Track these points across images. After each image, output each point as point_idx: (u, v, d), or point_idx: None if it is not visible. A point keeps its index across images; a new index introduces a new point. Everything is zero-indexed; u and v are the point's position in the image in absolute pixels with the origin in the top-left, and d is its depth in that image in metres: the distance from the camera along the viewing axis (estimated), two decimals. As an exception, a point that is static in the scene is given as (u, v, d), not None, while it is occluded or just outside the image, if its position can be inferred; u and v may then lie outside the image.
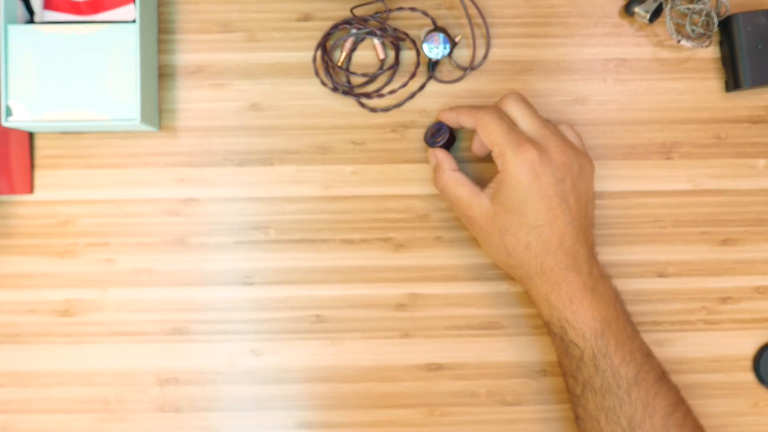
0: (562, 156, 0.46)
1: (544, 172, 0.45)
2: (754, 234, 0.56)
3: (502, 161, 0.46)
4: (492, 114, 0.47)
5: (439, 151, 0.52)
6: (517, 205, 0.46)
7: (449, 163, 0.50)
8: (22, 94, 0.51)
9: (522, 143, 0.45)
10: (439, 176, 0.50)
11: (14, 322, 0.55)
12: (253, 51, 0.56)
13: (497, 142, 0.46)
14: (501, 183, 0.46)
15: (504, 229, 0.47)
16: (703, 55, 0.56)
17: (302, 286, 0.55)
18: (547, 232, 0.46)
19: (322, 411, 0.55)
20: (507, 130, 0.46)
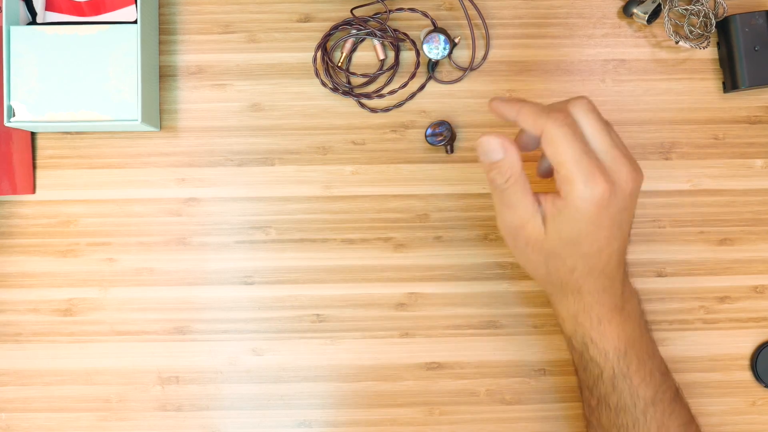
0: (631, 185, 0.41)
1: (611, 205, 0.40)
2: (752, 234, 0.56)
3: (569, 189, 0.40)
4: (563, 129, 0.40)
5: (506, 141, 0.42)
6: (575, 236, 0.41)
7: (518, 160, 0.42)
8: (24, 94, 0.51)
9: (594, 174, 0.39)
10: (505, 172, 0.42)
11: (16, 321, 0.55)
12: (254, 52, 0.56)
13: (567, 167, 0.39)
14: (561, 211, 0.41)
15: (553, 253, 0.43)
16: (701, 56, 0.56)
17: (302, 286, 0.56)
18: (596, 259, 0.43)
19: (323, 410, 0.56)
20: (580, 153, 0.39)
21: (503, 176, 0.42)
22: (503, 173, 0.42)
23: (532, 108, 0.42)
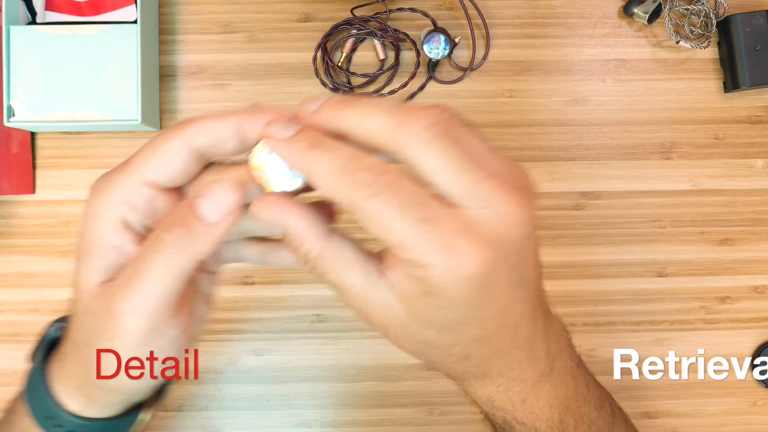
0: (523, 227, 0.26)
1: (495, 271, 0.25)
2: (753, 234, 0.56)
3: (421, 273, 0.25)
4: (386, 204, 0.24)
5: (289, 204, 0.27)
6: (452, 324, 0.27)
7: (315, 225, 0.27)
8: (23, 94, 0.51)
9: (451, 242, 0.24)
10: (303, 252, 0.27)
11: (16, 321, 0.55)
12: (254, 51, 0.56)
13: (406, 247, 0.25)
14: (421, 293, 0.26)
15: (426, 342, 0.28)
16: (702, 56, 0.56)
17: (302, 286, 0.56)
18: (497, 338, 0.29)
19: (323, 410, 0.55)
20: (418, 221, 0.24)
21: (300, 256, 0.27)
22: (298, 252, 0.27)
23: (325, 168, 0.25)
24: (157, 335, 0.28)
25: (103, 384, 0.30)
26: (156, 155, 0.27)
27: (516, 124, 0.56)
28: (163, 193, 0.28)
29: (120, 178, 0.27)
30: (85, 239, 0.28)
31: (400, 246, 0.25)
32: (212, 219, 0.26)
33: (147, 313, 0.27)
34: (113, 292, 0.26)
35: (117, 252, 0.27)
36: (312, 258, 0.27)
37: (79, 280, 0.28)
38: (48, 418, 0.32)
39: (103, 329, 0.27)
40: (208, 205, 0.26)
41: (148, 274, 0.26)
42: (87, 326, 0.28)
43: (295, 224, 0.27)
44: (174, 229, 0.26)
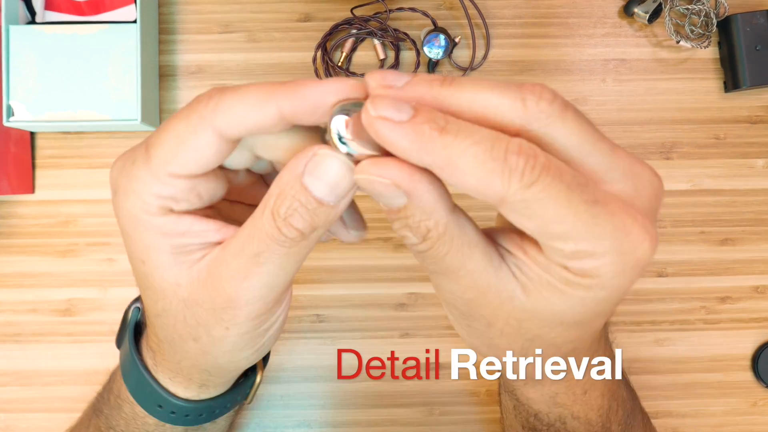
0: (661, 195, 0.24)
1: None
2: (753, 234, 0.56)
3: (585, 265, 0.22)
4: (552, 188, 0.21)
5: (406, 169, 0.22)
6: (588, 318, 0.24)
7: (444, 197, 0.23)
8: (23, 94, 0.51)
9: (626, 225, 0.22)
10: (418, 227, 0.23)
11: (16, 321, 0.55)
12: (254, 51, 0.56)
13: (574, 237, 0.21)
14: (563, 288, 0.23)
15: (540, 340, 0.25)
16: (702, 56, 0.56)
17: (302, 286, 0.55)
18: (598, 326, 0.27)
19: (323, 410, 0.55)
20: (588, 205, 0.21)
21: (418, 233, 0.23)
22: (416, 228, 0.23)
23: (467, 154, 0.20)
24: (270, 320, 0.27)
25: (218, 370, 0.30)
26: (181, 148, 0.23)
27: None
28: (206, 174, 0.24)
29: (145, 175, 0.24)
30: (136, 245, 0.25)
31: (564, 236, 0.21)
32: (331, 201, 0.23)
33: (264, 298, 0.25)
34: (225, 280, 0.24)
35: (182, 240, 0.24)
36: (436, 235, 0.23)
37: (153, 284, 0.25)
38: (160, 407, 0.31)
39: (217, 318, 0.25)
40: (323, 187, 0.22)
41: (267, 259, 0.23)
42: (190, 320, 0.26)
43: (426, 194, 0.22)
44: (290, 212, 0.23)
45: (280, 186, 0.23)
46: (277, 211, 0.23)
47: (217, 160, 0.23)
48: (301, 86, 0.22)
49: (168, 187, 0.23)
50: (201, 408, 0.32)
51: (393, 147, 0.21)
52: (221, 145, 0.23)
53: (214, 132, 0.23)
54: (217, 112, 0.22)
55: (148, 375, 0.31)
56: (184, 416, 0.32)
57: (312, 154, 0.22)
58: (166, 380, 0.31)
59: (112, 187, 0.25)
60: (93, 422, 0.36)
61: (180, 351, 0.28)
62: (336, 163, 0.22)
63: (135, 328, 0.33)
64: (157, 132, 0.24)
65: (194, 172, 0.23)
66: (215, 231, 0.25)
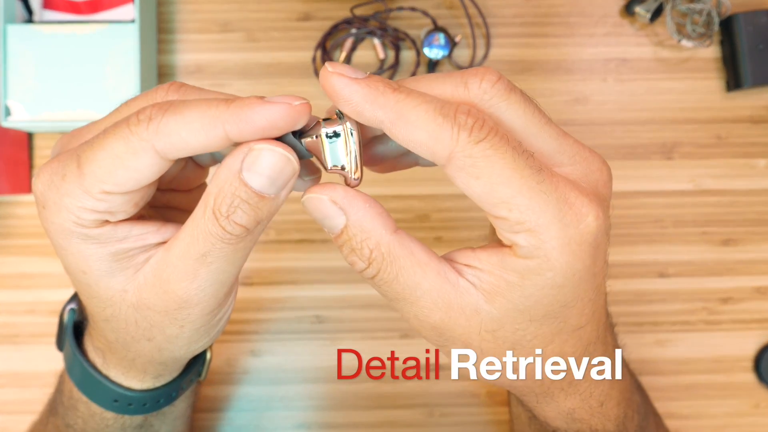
0: (610, 185, 0.25)
1: (602, 239, 0.23)
2: (755, 234, 0.56)
3: (531, 239, 0.22)
4: (500, 151, 0.21)
5: (350, 190, 0.24)
6: (556, 309, 0.24)
7: (383, 216, 0.23)
8: (21, 94, 0.51)
9: (569, 198, 0.22)
10: (361, 249, 0.23)
11: (13, 322, 0.55)
12: (253, 51, 0.56)
13: (519, 204, 0.21)
14: (523, 277, 0.23)
15: (517, 344, 0.25)
16: (704, 55, 0.56)
17: (302, 287, 0.55)
18: (590, 329, 0.26)
19: (322, 411, 0.55)
20: (532, 174, 0.21)
21: (362, 256, 0.23)
22: (360, 250, 0.23)
23: (418, 109, 0.21)
24: (222, 309, 0.27)
25: (174, 362, 0.30)
26: (119, 168, 0.22)
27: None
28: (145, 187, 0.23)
29: (77, 191, 0.22)
30: (74, 257, 0.25)
31: (509, 202, 0.21)
32: (272, 194, 0.23)
33: (215, 295, 0.25)
34: (174, 283, 0.24)
35: (122, 245, 0.24)
36: (380, 256, 0.23)
37: (99, 293, 0.25)
38: (116, 401, 0.31)
39: (171, 318, 0.25)
40: (263, 180, 0.22)
41: (215, 258, 0.23)
42: (142, 323, 0.26)
43: (362, 210, 0.22)
44: (232, 209, 0.22)
45: (219, 184, 0.22)
46: (219, 209, 0.22)
47: (157, 175, 0.23)
48: (247, 109, 0.21)
49: (103, 203, 0.23)
50: (157, 395, 0.32)
51: (347, 101, 0.22)
52: (162, 164, 0.22)
53: (155, 154, 0.22)
54: (160, 135, 0.21)
55: (98, 375, 0.31)
56: (142, 405, 0.32)
57: (248, 149, 0.22)
58: (119, 376, 0.31)
59: (38, 200, 0.24)
60: (51, 420, 0.36)
61: (133, 350, 0.28)
62: (274, 156, 0.22)
63: (75, 329, 0.33)
64: (92, 148, 0.22)
65: (132, 189, 0.23)
66: (155, 232, 0.25)
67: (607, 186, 0.24)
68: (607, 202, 0.24)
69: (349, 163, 0.23)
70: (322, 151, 0.23)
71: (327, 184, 0.23)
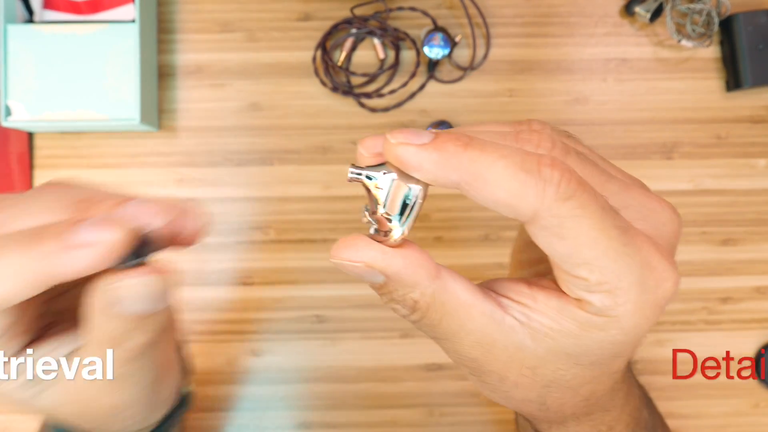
0: (679, 233, 0.24)
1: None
2: (755, 234, 0.56)
3: (609, 302, 0.21)
4: (589, 208, 0.20)
5: (373, 246, 0.21)
6: (607, 359, 0.23)
7: (425, 264, 0.22)
8: (21, 93, 0.51)
9: (651, 261, 0.21)
10: (404, 300, 0.22)
11: (14, 322, 0.55)
12: (253, 51, 0.56)
13: (602, 267, 0.20)
14: (585, 329, 0.22)
15: (557, 384, 0.24)
16: (704, 55, 0.56)
17: (302, 287, 0.55)
18: (622, 370, 0.26)
19: (322, 411, 0.55)
20: (617, 235, 0.20)
21: (405, 305, 0.22)
22: (402, 301, 0.22)
23: (496, 167, 0.19)
24: (161, 391, 0.26)
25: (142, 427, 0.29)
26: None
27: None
28: None
29: None
30: None
31: (591, 264, 0.20)
32: (159, 308, 0.21)
33: (142, 398, 0.25)
34: (95, 400, 0.24)
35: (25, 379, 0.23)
36: (425, 305, 0.22)
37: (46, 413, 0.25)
38: None
39: (111, 421, 0.25)
40: (142, 305, 0.20)
41: (125, 379, 0.23)
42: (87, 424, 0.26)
43: (403, 269, 0.21)
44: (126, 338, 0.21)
45: (102, 331, 0.21)
46: (108, 345, 0.22)
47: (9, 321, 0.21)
48: (65, 255, 0.19)
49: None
50: None
51: (417, 170, 0.20)
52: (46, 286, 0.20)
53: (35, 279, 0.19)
54: (45, 250, 0.19)
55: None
56: None
57: (109, 288, 0.20)
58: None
59: None
60: None
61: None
62: (140, 286, 0.20)
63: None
64: None
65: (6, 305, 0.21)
66: (58, 348, 0.24)
67: (677, 236, 0.23)
68: (675, 252, 0.23)
69: (402, 224, 0.21)
70: (379, 195, 0.21)
71: (358, 241, 0.21)
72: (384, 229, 0.21)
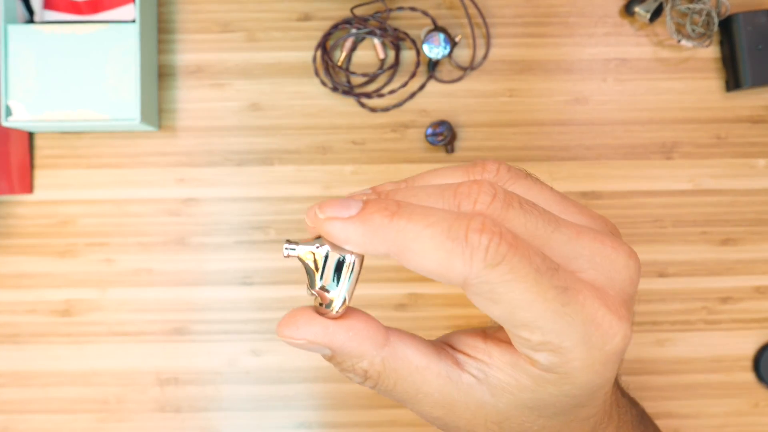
0: (637, 277, 0.23)
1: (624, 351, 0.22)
2: (755, 234, 0.56)
3: (556, 360, 0.20)
4: (520, 271, 0.19)
5: (321, 324, 0.21)
6: (568, 409, 0.23)
7: (370, 334, 0.21)
8: (21, 93, 0.51)
9: (597, 316, 0.20)
10: (354, 369, 0.22)
11: (14, 322, 0.55)
12: (253, 51, 0.56)
13: (541, 327, 0.20)
14: (535, 384, 0.21)
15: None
16: (704, 55, 0.56)
17: (302, 286, 0.55)
18: (598, 414, 0.25)
19: (322, 411, 0.55)
20: (556, 293, 0.19)
21: (357, 374, 0.22)
22: (353, 370, 0.22)
23: (422, 237, 0.19)
24: None
25: None
26: None
27: (516, 124, 0.55)
28: None
29: None
30: None
31: (531, 325, 0.19)
32: None
33: None
34: None
35: None
36: (375, 373, 0.21)
37: None
38: None
39: None
40: None
41: None
42: None
43: (348, 341, 0.21)
44: None
45: None
46: None
47: None
48: None
49: None
50: None
51: (346, 243, 0.20)
52: None
53: None
54: None
55: None
56: None
57: None
58: None
59: None
60: None
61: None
62: None
63: None
64: None
65: None
66: None
67: (635, 282, 0.22)
68: (633, 300, 0.22)
69: (340, 294, 0.21)
70: (314, 269, 0.21)
71: (299, 315, 0.21)
72: (325, 302, 0.21)
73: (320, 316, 0.21)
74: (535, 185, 0.23)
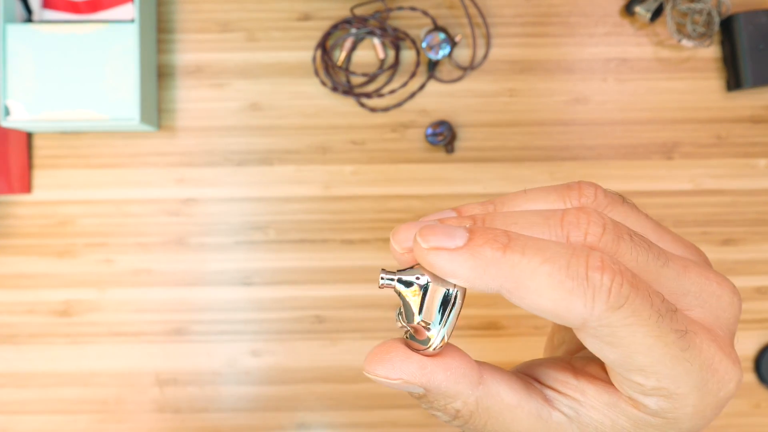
0: (739, 311, 0.23)
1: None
2: (755, 234, 0.56)
3: (667, 406, 0.20)
4: (643, 316, 0.18)
5: (418, 363, 0.20)
6: None
7: (466, 373, 0.20)
8: (20, 93, 0.51)
9: (715, 366, 0.20)
10: (445, 409, 0.21)
11: (12, 322, 0.55)
12: (253, 51, 0.56)
13: (656, 371, 0.19)
14: (639, 427, 0.21)
15: None
16: (704, 55, 0.56)
17: (302, 287, 0.55)
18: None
19: (322, 411, 0.55)
20: (677, 335, 0.19)
21: (447, 414, 0.21)
22: (444, 410, 0.21)
23: (539, 274, 0.18)
24: None
25: None
26: None
27: (517, 124, 0.55)
28: None
29: None
30: None
31: (646, 370, 0.18)
32: None
33: None
34: None
35: None
36: (467, 413, 0.20)
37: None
38: None
39: None
40: None
41: None
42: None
43: (444, 381, 0.20)
44: None
45: None
46: None
47: None
48: None
49: None
50: None
51: (453, 277, 0.18)
52: None
53: None
54: None
55: None
56: None
57: None
58: None
59: None
60: None
61: None
62: None
63: None
64: None
65: None
66: None
67: (737, 320, 0.21)
68: (733, 326, 0.21)
69: (441, 332, 0.19)
70: (414, 302, 0.19)
71: (393, 352, 0.19)
72: (421, 338, 0.19)
73: (415, 353, 0.19)
74: (632, 212, 0.22)
